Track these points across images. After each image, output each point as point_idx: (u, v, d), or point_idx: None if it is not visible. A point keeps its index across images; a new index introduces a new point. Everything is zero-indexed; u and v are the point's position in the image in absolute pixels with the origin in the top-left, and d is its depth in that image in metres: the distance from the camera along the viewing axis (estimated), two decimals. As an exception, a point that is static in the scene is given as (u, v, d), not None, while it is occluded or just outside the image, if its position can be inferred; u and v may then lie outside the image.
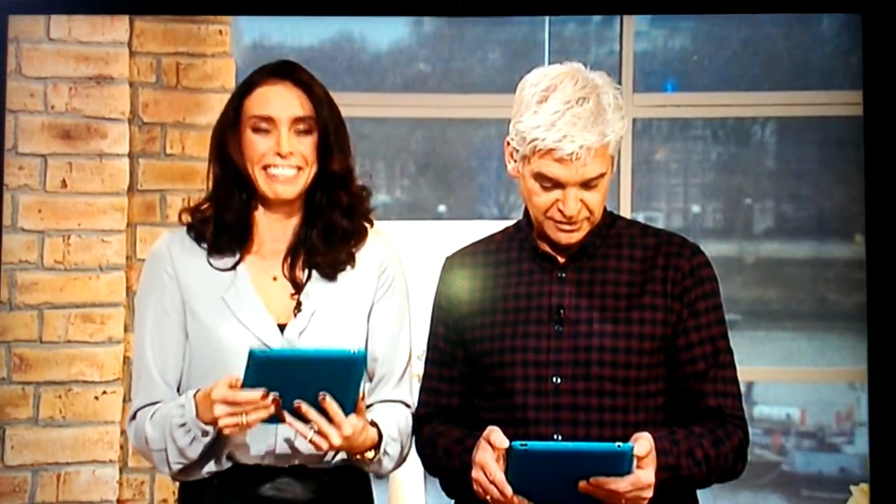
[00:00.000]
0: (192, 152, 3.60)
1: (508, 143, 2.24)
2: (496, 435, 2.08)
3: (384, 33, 4.52)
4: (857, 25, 4.32)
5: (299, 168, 2.26)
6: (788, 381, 4.94)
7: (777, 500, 5.10)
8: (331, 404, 2.09)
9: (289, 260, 2.31)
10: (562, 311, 2.24)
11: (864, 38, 2.96)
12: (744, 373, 4.54)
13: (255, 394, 2.07)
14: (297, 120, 2.25)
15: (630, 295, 2.25)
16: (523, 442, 2.03)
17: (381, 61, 4.55)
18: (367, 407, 2.28)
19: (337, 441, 2.11)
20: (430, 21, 4.62)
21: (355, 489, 2.30)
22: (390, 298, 2.35)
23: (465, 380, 2.32)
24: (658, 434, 2.12)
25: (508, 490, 2.04)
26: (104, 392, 3.43)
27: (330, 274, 2.30)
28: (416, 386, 2.42)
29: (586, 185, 2.18)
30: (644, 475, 2.04)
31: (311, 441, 2.12)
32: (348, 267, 2.32)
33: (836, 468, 4.98)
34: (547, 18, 4.19)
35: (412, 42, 4.62)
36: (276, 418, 2.11)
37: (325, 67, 4.11)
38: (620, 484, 2.02)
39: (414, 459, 2.54)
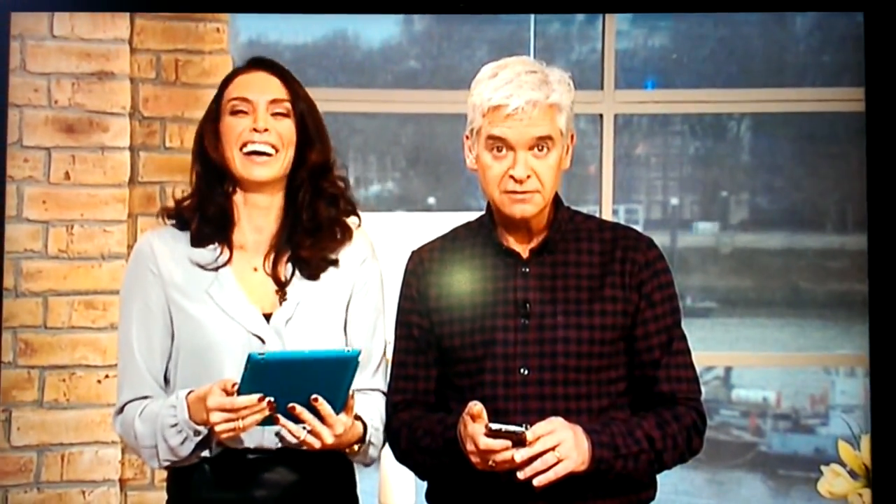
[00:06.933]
0: (191, 146, 3.49)
1: (467, 138, 2.23)
2: (477, 406, 2.08)
3: (376, 31, 4.42)
4: (830, 25, 4.21)
5: (276, 149, 2.22)
6: (764, 365, 4.87)
7: (755, 479, 5.07)
8: (323, 405, 2.06)
9: (272, 255, 2.26)
10: (527, 305, 2.23)
11: (867, 36, 2.91)
12: (721, 358, 4.62)
13: (252, 399, 2.03)
14: (274, 102, 2.21)
15: (590, 287, 2.24)
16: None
17: (373, 58, 4.45)
18: None
19: (329, 440, 2.08)
20: (419, 19, 4.51)
21: (339, 473, 2.28)
22: (368, 292, 2.30)
23: (439, 364, 2.30)
24: (594, 420, 2.16)
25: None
26: (106, 376, 3.40)
27: (313, 275, 2.26)
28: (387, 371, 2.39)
29: (534, 148, 2.17)
30: (540, 445, 2.05)
31: (303, 441, 2.08)
32: (331, 268, 2.26)
33: (811, 449, 4.94)
34: (532, 17, 4.06)
35: (403, 40, 4.52)
36: (269, 420, 2.07)
37: (320, 64, 4.05)
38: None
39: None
